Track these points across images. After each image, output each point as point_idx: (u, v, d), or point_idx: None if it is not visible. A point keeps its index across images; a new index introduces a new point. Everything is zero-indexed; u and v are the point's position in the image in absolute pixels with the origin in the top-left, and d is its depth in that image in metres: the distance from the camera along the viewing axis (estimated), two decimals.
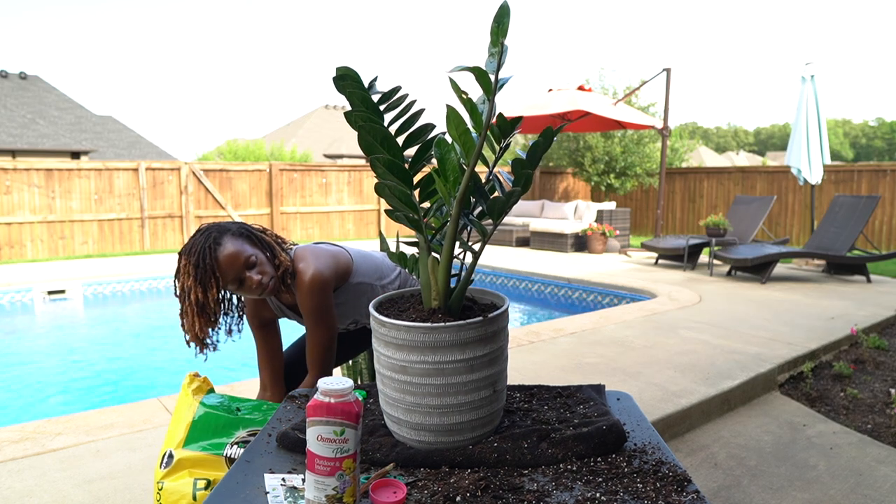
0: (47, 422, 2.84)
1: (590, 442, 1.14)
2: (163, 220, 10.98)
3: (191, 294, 1.62)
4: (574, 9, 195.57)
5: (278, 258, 1.75)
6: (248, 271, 1.67)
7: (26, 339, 5.80)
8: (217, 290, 1.63)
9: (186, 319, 1.65)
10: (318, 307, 1.76)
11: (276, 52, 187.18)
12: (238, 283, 1.67)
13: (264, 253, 1.73)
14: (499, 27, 1.08)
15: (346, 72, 1.10)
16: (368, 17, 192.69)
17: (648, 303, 5.70)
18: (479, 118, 1.13)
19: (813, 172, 8.37)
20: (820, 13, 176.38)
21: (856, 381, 3.87)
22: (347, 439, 0.93)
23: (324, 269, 1.77)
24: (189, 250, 1.64)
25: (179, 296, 1.65)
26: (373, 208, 13.41)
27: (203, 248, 1.62)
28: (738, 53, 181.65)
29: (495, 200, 1.14)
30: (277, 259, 1.75)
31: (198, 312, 1.63)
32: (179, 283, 1.64)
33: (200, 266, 1.61)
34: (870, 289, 6.59)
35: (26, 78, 22.08)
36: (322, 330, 1.78)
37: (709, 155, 47.45)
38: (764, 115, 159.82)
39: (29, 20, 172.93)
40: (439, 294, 1.16)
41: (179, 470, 1.59)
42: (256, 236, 1.74)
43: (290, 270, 1.77)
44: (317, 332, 1.78)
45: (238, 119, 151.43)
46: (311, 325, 1.77)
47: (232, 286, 1.67)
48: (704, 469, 2.74)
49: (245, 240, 1.70)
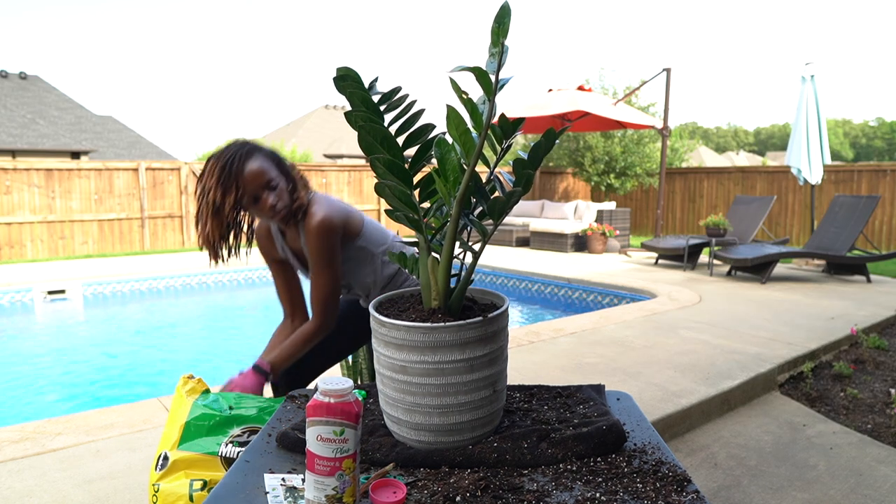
0: (47, 422, 2.84)
1: (590, 442, 1.14)
2: (163, 220, 10.98)
3: (210, 194, 1.67)
4: (574, 9, 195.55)
5: (297, 193, 1.80)
6: (266, 192, 1.72)
7: (26, 339, 5.80)
8: (235, 198, 1.67)
9: (201, 221, 1.71)
10: (323, 249, 1.78)
11: (276, 52, 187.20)
12: (254, 199, 1.72)
13: (287, 183, 1.78)
14: (499, 27, 1.08)
15: (347, 72, 1.10)
16: (368, 17, 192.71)
17: (648, 303, 5.70)
18: (479, 118, 1.13)
19: (813, 172, 8.37)
20: (820, 13, 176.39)
21: (856, 381, 3.87)
22: (347, 439, 0.93)
23: (334, 216, 1.81)
24: (220, 155, 1.69)
25: (199, 196, 1.70)
26: (373, 208, 13.41)
27: (234, 155, 1.68)
28: (738, 53, 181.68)
29: (496, 200, 1.14)
30: (297, 194, 1.80)
31: (213, 213, 1.68)
32: (202, 183, 1.69)
33: (226, 170, 1.66)
34: (870, 289, 6.59)
35: (26, 78, 22.08)
36: (326, 274, 1.81)
37: (709, 155, 47.45)
38: (764, 115, 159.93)
39: (29, 20, 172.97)
40: (439, 294, 1.16)
41: (175, 471, 1.59)
42: (285, 166, 1.80)
43: (303, 209, 1.80)
44: (321, 275, 1.81)
45: (238, 119, 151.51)
46: (316, 269, 1.81)
47: (247, 200, 1.71)
48: (704, 469, 2.74)
49: (274, 164, 1.75)
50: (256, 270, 8.73)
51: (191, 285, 8.14)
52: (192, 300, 7.65)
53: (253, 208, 1.74)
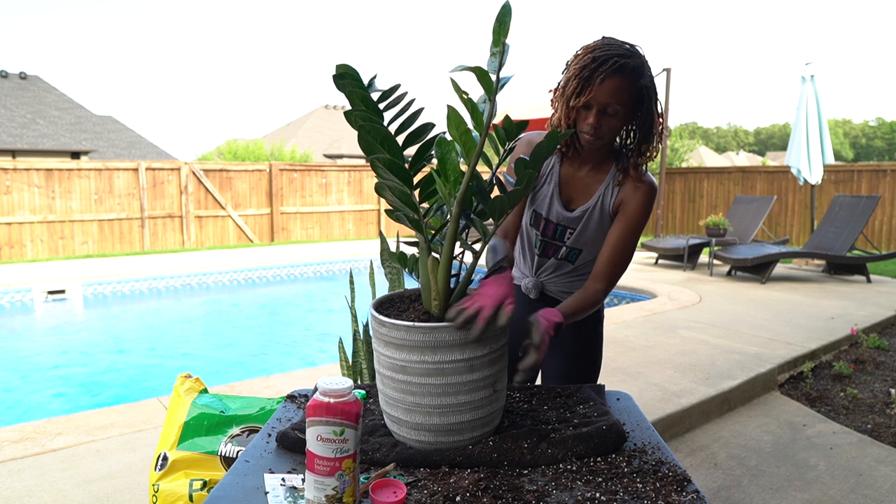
0: (47, 422, 2.84)
1: (589, 442, 1.13)
2: (163, 220, 10.97)
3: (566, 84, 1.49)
4: (574, 9, 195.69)
5: (650, 145, 1.55)
6: (602, 115, 1.47)
7: (26, 338, 5.80)
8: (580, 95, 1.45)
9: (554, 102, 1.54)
10: (646, 216, 1.57)
11: (276, 52, 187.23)
12: (586, 109, 1.48)
13: (635, 124, 1.53)
14: (500, 26, 1.08)
15: (346, 70, 1.09)
16: (368, 17, 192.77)
17: (648, 303, 5.69)
18: (479, 118, 1.13)
19: (813, 172, 8.36)
20: (820, 13, 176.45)
21: (856, 381, 3.87)
22: (347, 439, 0.93)
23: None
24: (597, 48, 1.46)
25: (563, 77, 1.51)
26: (373, 208, 13.41)
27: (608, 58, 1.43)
28: (738, 53, 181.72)
29: (496, 200, 1.14)
30: (647, 146, 1.55)
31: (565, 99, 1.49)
32: (569, 67, 1.49)
33: (589, 67, 1.43)
34: (870, 289, 6.58)
35: (26, 78, 22.07)
36: (634, 241, 1.58)
37: (709, 155, 47.45)
38: (764, 115, 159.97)
39: (29, 20, 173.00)
40: (439, 294, 1.16)
41: (175, 471, 1.59)
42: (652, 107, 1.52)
43: (641, 167, 1.57)
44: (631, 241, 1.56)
45: (238, 119, 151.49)
46: (632, 232, 1.56)
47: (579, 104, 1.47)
48: (704, 469, 2.74)
49: (640, 98, 1.49)
50: (256, 270, 8.73)
51: (191, 285, 8.14)
52: (192, 300, 7.65)
53: (578, 118, 1.51)
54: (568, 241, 1.65)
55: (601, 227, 1.61)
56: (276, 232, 12.20)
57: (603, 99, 1.44)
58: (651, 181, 1.58)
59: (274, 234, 12.20)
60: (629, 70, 1.44)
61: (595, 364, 1.79)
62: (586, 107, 1.47)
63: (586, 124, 1.48)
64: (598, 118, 1.47)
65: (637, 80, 1.46)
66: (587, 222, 1.61)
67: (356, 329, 2.31)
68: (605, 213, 1.59)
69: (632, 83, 1.45)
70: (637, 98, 1.48)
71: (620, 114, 1.47)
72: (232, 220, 11.71)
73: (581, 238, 1.63)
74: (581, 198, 1.62)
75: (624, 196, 1.56)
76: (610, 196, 1.58)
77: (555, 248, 1.68)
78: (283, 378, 3.52)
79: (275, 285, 8.50)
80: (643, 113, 1.52)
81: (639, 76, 1.46)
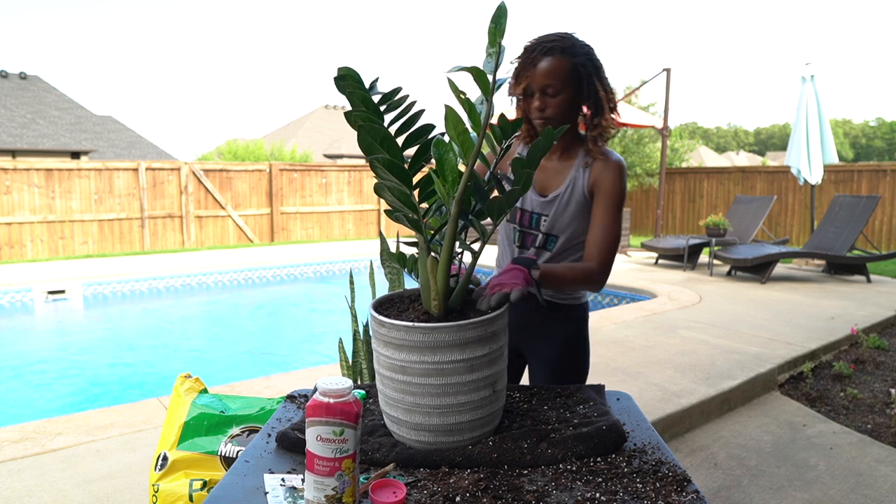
0: (47, 422, 2.84)
1: (589, 442, 1.13)
2: (163, 220, 10.98)
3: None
4: (574, 9, 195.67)
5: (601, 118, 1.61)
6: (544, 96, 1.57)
7: (26, 339, 5.80)
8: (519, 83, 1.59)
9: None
10: (622, 191, 1.61)
11: (276, 52, 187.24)
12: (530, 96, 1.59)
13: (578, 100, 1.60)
14: (496, 27, 1.08)
15: (347, 72, 1.10)
16: (368, 17, 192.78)
17: (648, 303, 5.69)
18: (477, 118, 1.13)
19: (813, 172, 8.35)
20: (820, 13, 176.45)
21: (856, 381, 3.87)
22: (347, 439, 0.93)
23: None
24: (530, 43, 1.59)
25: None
26: (373, 208, 13.41)
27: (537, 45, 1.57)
28: (738, 53, 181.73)
29: (495, 200, 1.14)
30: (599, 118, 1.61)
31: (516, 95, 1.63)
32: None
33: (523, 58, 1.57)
34: (870, 289, 6.58)
35: (26, 78, 22.08)
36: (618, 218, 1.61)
37: (709, 155, 47.43)
38: (764, 115, 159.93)
39: (29, 20, 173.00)
40: (439, 294, 1.16)
41: (174, 471, 1.59)
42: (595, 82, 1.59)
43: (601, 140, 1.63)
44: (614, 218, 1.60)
45: (238, 119, 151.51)
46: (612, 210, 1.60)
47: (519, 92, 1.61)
48: (704, 469, 2.74)
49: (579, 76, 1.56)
50: (256, 270, 8.73)
51: (191, 285, 8.14)
52: (192, 300, 7.65)
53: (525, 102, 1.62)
54: (543, 228, 1.69)
55: (575, 212, 1.65)
56: (276, 232, 12.20)
57: (539, 81, 1.55)
58: (618, 159, 1.64)
59: (274, 234, 12.20)
60: (559, 50, 1.55)
61: (582, 365, 1.81)
62: (529, 93, 1.59)
63: (533, 109, 1.60)
64: (542, 100, 1.57)
65: (570, 59, 1.55)
66: (560, 207, 1.65)
67: (356, 329, 2.31)
68: (578, 196, 1.64)
69: (565, 62, 1.55)
70: (576, 76, 1.57)
71: (563, 93, 1.56)
72: (232, 220, 11.71)
73: (556, 224, 1.67)
74: (554, 184, 1.68)
75: (596, 176, 1.62)
76: (582, 178, 1.64)
77: (532, 238, 1.72)
78: (283, 378, 3.52)
79: (275, 285, 8.50)
80: (590, 90, 1.60)
81: (571, 55, 1.55)
